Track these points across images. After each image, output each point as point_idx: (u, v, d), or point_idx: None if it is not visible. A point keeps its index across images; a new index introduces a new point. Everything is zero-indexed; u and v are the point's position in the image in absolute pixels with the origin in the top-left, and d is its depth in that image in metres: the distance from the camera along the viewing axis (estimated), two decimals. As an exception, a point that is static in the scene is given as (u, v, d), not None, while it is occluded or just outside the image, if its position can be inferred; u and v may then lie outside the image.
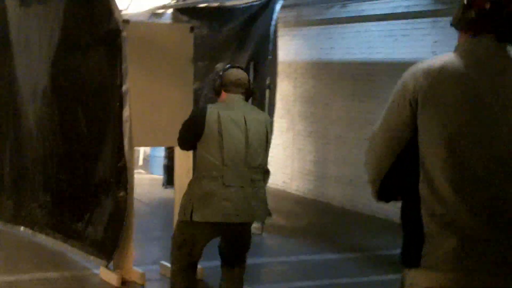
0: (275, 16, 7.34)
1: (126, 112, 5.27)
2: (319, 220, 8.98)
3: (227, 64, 7.72)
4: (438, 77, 2.37)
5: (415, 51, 8.44)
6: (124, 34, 5.23)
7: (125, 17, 5.65)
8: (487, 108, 2.35)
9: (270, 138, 4.63)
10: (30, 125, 6.38)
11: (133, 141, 5.31)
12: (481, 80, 2.37)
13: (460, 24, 2.51)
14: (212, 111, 4.34)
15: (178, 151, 5.87)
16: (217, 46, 8.08)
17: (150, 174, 11.43)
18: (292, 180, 10.66)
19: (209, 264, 5.79)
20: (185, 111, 5.46)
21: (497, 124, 2.33)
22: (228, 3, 8.57)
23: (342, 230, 8.36)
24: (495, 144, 2.32)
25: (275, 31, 7.46)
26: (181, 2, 9.59)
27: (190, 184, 4.47)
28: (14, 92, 6.58)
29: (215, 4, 8.80)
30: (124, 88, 5.26)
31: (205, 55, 8.14)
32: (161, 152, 9.76)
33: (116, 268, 5.53)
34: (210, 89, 5.11)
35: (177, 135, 4.63)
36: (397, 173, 2.50)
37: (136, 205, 8.85)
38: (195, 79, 8.35)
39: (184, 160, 5.58)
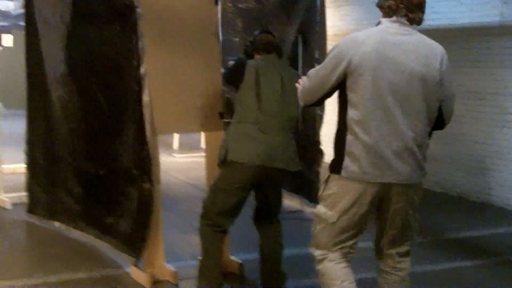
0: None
1: (145, 96, 4.77)
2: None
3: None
4: (362, 47, 3.45)
5: (481, 15, 7.64)
6: (139, 10, 4.73)
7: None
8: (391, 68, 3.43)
9: None
10: (57, 112, 5.98)
11: (156, 128, 4.82)
12: (389, 49, 3.46)
13: (381, 8, 3.58)
14: (250, 62, 4.58)
15: (207, 136, 5.37)
16: (265, 19, 7.49)
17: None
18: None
19: (248, 257, 5.30)
20: (213, 92, 4.97)
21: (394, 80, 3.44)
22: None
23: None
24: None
25: (323, 0, 6.79)
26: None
27: (227, 129, 4.61)
28: (43, 78, 6.19)
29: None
30: (142, 70, 4.76)
31: (253, 29, 7.61)
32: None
33: (147, 266, 5.06)
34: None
35: (204, 119, 5.03)
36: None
37: (190, 190, 8.54)
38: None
39: (214, 145, 5.06)
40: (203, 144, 11.65)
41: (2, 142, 7.71)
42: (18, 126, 7.63)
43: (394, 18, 3.54)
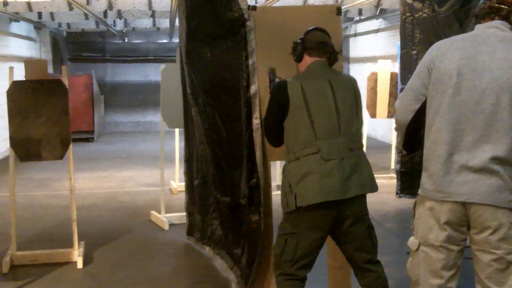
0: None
1: (255, 119, 4.31)
2: None
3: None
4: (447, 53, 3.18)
5: None
6: (249, 23, 4.28)
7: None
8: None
9: (360, 101, 3.98)
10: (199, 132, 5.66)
11: (267, 154, 4.33)
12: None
13: None
14: (293, 83, 3.83)
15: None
16: (438, 29, 6.72)
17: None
18: None
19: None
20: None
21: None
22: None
23: None
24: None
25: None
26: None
27: (285, 170, 3.86)
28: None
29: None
30: (252, 89, 4.30)
31: (427, 41, 6.87)
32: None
33: (258, 307, 4.57)
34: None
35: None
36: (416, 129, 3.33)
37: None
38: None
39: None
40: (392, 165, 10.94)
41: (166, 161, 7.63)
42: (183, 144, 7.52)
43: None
